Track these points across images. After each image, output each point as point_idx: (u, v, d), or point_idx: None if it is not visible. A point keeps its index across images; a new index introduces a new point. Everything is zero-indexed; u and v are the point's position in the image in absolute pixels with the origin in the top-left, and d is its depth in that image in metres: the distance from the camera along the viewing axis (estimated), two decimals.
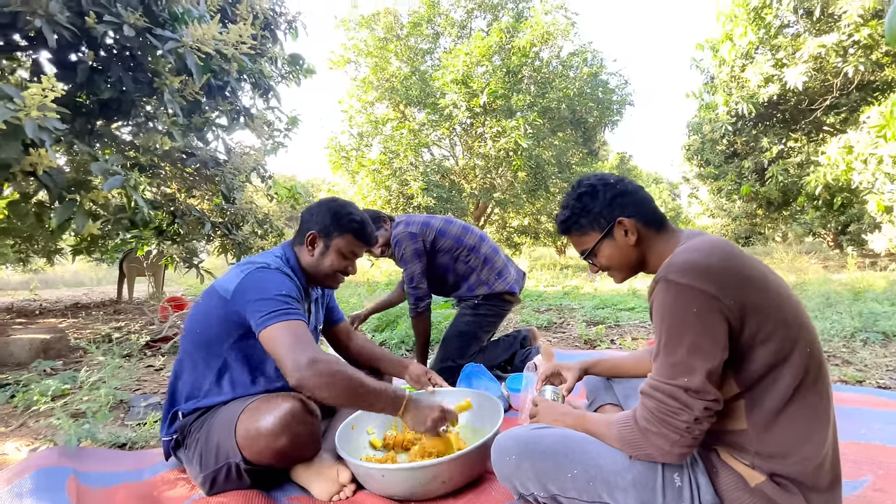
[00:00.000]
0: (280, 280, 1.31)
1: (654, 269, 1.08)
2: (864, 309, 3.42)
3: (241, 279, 1.30)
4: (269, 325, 1.20)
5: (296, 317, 1.24)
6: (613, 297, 5.13)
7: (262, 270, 1.33)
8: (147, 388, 2.42)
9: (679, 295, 0.87)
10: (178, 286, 8.40)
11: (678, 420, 0.85)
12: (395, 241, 2.27)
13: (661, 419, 0.87)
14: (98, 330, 3.62)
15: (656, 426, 0.88)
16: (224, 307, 1.30)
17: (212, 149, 3.66)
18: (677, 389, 0.85)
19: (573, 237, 1.14)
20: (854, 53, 6.64)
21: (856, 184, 6.35)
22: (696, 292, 0.86)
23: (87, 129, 2.90)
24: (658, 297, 0.91)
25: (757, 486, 0.89)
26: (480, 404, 1.56)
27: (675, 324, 0.87)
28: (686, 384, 0.85)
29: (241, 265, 1.37)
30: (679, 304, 0.87)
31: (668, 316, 0.88)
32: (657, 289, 0.92)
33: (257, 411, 1.20)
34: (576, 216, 1.10)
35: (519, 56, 9.67)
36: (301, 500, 1.29)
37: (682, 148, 12.12)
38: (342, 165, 10.82)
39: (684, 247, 0.97)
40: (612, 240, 1.07)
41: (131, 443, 1.72)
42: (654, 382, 0.89)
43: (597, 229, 1.08)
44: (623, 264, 1.10)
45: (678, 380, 0.86)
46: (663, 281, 0.90)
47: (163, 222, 3.64)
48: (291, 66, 4.07)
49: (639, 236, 1.06)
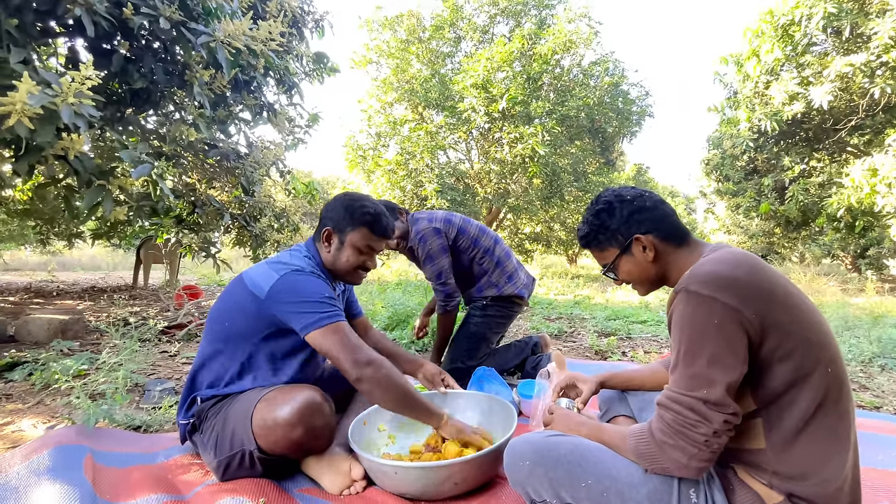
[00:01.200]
0: (318, 283, 1.33)
1: (675, 282, 1.07)
2: (883, 335, 3.34)
3: (277, 281, 1.30)
4: (319, 329, 1.25)
5: (341, 318, 1.30)
6: (626, 309, 5.09)
7: (298, 274, 1.33)
8: (162, 374, 2.46)
9: (700, 306, 0.86)
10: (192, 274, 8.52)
11: (696, 433, 0.84)
12: (418, 237, 2.22)
13: (679, 431, 0.86)
14: (115, 314, 3.69)
15: (674, 439, 0.86)
16: (257, 305, 1.31)
17: (234, 142, 3.73)
18: (696, 401, 0.84)
19: (593, 252, 1.16)
20: (882, 75, 6.53)
21: (879, 207, 6.23)
22: (719, 304, 0.85)
23: (117, 116, 2.98)
24: (679, 307, 0.90)
25: None
26: (493, 409, 1.56)
27: (696, 335, 0.86)
28: (705, 396, 0.84)
29: (273, 264, 1.36)
30: (700, 316, 0.86)
31: (689, 327, 0.87)
32: (678, 299, 0.91)
33: (274, 401, 1.22)
34: (594, 233, 1.12)
35: (540, 63, 9.66)
36: (311, 492, 1.30)
37: (702, 162, 12.00)
38: (358, 164, 10.90)
39: (708, 258, 0.96)
40: (631, 256, 1.08)
41: (146, 426, 1.76)
42: (672, 394, 0.88)
43: (615, 245, 1.10)
44: (643, 279, 1.11)
45: (697, 392, 0.84)
46: (684, 291, 0.89)
47: (183, 211, 3.71)
48: (316, 64, 4.13)
49: (657, 252, 1.06)
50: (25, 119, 1.83)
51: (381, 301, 4.61)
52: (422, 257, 2.24)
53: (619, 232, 1.08)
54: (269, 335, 1.34)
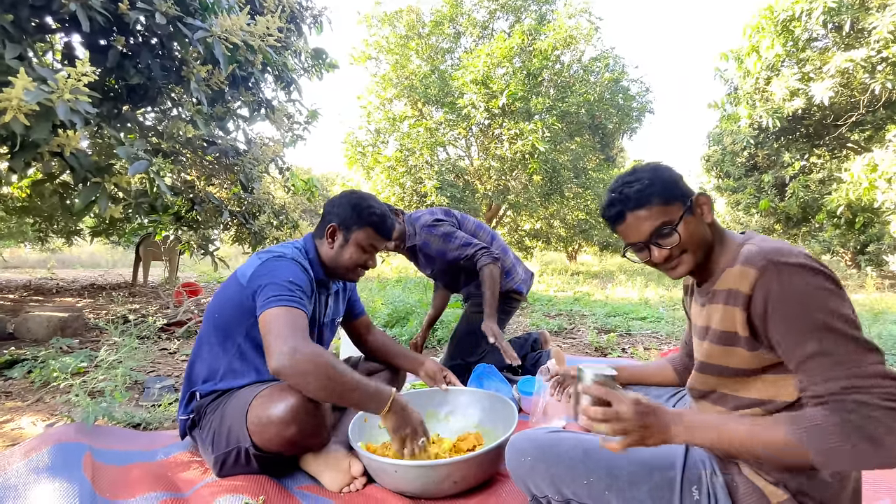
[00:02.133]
0: (292, 269, 1.33)
1: (711, 263, 0.99)
2: (884, 331, 3.35)
3: (258, 266, 1.34)
4: (269, 308, 1.22)
5: (297, 305, 1.24)
6: (625, 306, 5.08)
7: (278, 259, 1.35)
8: (161, 371, 2.46)
9: (808, 274, 0.78)
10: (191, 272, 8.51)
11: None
12: (425, 229, 2.20)
13: (889, 407, 0.70)
14: (114, 311, 3.69)
15: (886, 413, 0.70)
16: (240, 293, 1.33)
17: (232, 138, 3.71)
18: (881, 366, 0.73)
19: (648, 209, 0.93)
20: (882, 70, 6.50)
21: (879, 203, 6.22)
22: (824, 273, 0.79)
23: (113, 113, 2.96)
24: (779, 282, 0.79)
25: None
26: (494, 406, 1.56)
27: (823, 302, 0.77)
28: (880, 359, 0.74)
29: (261, 253, 1.40)
30: (815, 283, 0.78)
31: (810, 298, 0.77)
32: (767, 278, 0.80)
33: (269, 399, 1.21)
34: (656, 185, 0.93)
35: (540, 59, 9.62)
36: (311, 489, 1.30)
37: (702, 158, 11.99)
38: (358, 161, 10.88)
39: (758, 238, 0.91)
40: (692, 216, 0.95)
41: (145, 423, 1.75)
42: (844, 380, 0.73)
43: (680, 201, 0.94)
44: (701, 245, 0.95)
45: (872, 357, 0.74)
46: (776, 265, 0.80)
47: (182, 208, 3.69)
48: (314, 59, 4.10)
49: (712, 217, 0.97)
50: (21, 115, 1.82)
51: (381, 298, 4.61)
52: (438, 244, 2.19)
53: (681, 188, 0.95)
54: (255, 322, 1.32)
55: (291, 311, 1.22)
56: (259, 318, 1.23)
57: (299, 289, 1.29)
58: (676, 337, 3.66)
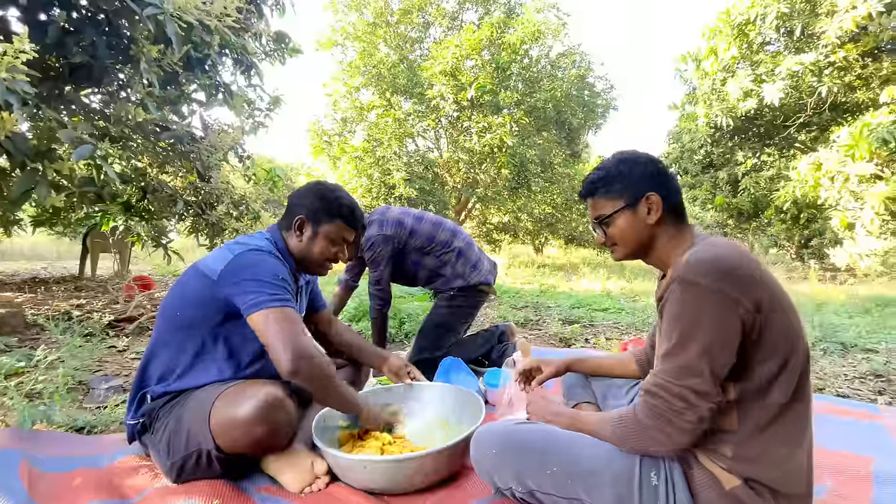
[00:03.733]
0: (274, 263, 1.28)
1: (656, 258, 1.07)
2: (825, 320, 3.57)
3: (231, 260, 1.25)
4: (264, 309, 1.17)
5: (290, 303, 1.22)
6: (588, 298, 5.21)
7: (256, 252, 1.29)
8: (109, 370, 2.31)
9: (697, 296, 0.86)
10: (145, 265, 8.10)
11: (683, 420, 0.86)
12: (369, 241, 2.23)
13: (667, 419, 0.88)
14: (57, 307, 3.45)
15: (659, 424, 0.89)
16: (210, 288, 1.25)
17: (188, 124, 3.52)
18: (686, 390, 0.86)
19: (597, 199, 1.08)
20: (829, 74, 6.89)
21: (822, 200, 6.63)
22: (717, 295, 0.84)
23: (54, 94, 2.74)
24: (674, 297, 0.89)
25: (731, 489, 0.90)
26: (460, 399, 1.55)
27: (691, 325, 0.86)
28: (695, 386, 0.85)
29: (230, 246, 1.32)
30: (696, 306, 0.86)
31: (684, 317, 0.87)
32: (673, 289, 0.90)
33: (234, 398, 1.16)
34: (610, 178, 1.06)
35: (509, 52, 9.66)
36: (271, 490, 1.25)
37: (662, 156, 12.39)
38: (324, 150, 10.62)
39: (703, 245, 0.94)
40: (633, 212, 1.04)
41: (90, 427, 1.64)
42: (662, 381, 0.89)
43: (623, 197, 1.04)
44: (632, 241, 1.06)
45: (687, 381, 0.86)
46: (680, 281, 0.88)
47: (132, 198, 3.48)
48: (277, 43, 3.94)
49: (659, 218, 1.03)
50: None
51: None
52: (368, 260, 2.29)
53: (635, 185, 1.03)
54: (224, 321, 1.27)
55: (288, 311, 1.20)
56: (250, 318, 1.18)
57: (288, 284, 1.27)
58: (636, 327, 3.78)
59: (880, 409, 1.93)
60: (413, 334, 3.24)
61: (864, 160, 5.69)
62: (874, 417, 1.83)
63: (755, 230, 12.22)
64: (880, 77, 6.86)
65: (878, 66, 6.89)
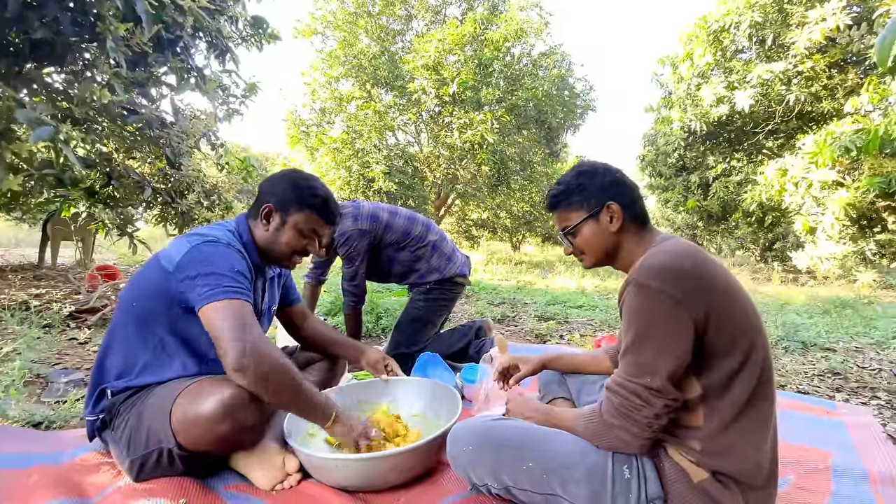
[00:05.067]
0: (230, 256, 1.21)
1: (623, 264, 1.11)
2: (787, 320, 3.72)
3: (187, 251, 1.19)
4: (214, 302, 1.11)
5: (244, 297, 1.16)
6: (564, 295, 5.29)
7: (212, 244, 1.22)
8: (69, 363, 2.21)
9: (649, 298, 0.90)
10: (110, 254, 7.78)
11: (640, 416, 0.90)
12: (344, 236, 2.19)
13: (625, 414, 0.92)
14: (14, 296, 3.27)
15: (619, 420, 0.93)
16: (165, 280, 1.19)
17: (157, 108, 3.37)
18: (641, 388, 0.89)
19: (560, 212, 1.14)
20: (797, 83, 7.16)
21: (786, 204, 6.89)
22: (665, 296, 0.88)
23: (13, 71, 2.58)
24: (629, 298, 0.93)
25: (699, 482, 0.92)
26: (437, 394, 1.54)
27: (644, 326, 0.90)
28: (649, 384, 0.89)
29: (189, 236, 1.25)
30: (648, 307, 0.90)
31: (638, 318, 0.91)
32: (628, 291, 0.94)
33: (198, 394, 1.11)
34: (570, 191, 1.11)
35: (492, 49, 9.65)
36: (240, 488, 1.21)
37: (637, 158, 12.67)
38: (301, 140, 10.40)
39: (657, 249, 0.98)
40: (596, 222, 1.09)
41: (48, 422, 1.56)
42: (620, 380, 0.93)
43: (585, 208, 1.09)
44: (597, 249, 1.11)
45: (642, 379, 0.89)
46: (634, 284, 0.92)
47: (96, 183, 3.32)
48: (254, 28, 3.82)
49: (621, 225, 1.08)
50: None
51: (324, 286, 4.46)
52: (342, 255, 2.24)
53: (594, 195, 1.08)
54: (181, 313, 1.20)
55: (240, 303, 1.12)
56: (201, 311, 1.11)
57: (243, 277, 1.19)
58: (609, 324, 3.85)
59: (837, 406, 2.02)
60: (390, 329, 3.22)
61: (827, 167, 5.94)
62: (832, 414, 1.91)
63: (723, 232, 12.65)
64: (845, 88, 7.17)
65: (844, 77, 7.19)
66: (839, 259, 6.96)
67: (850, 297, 5.60)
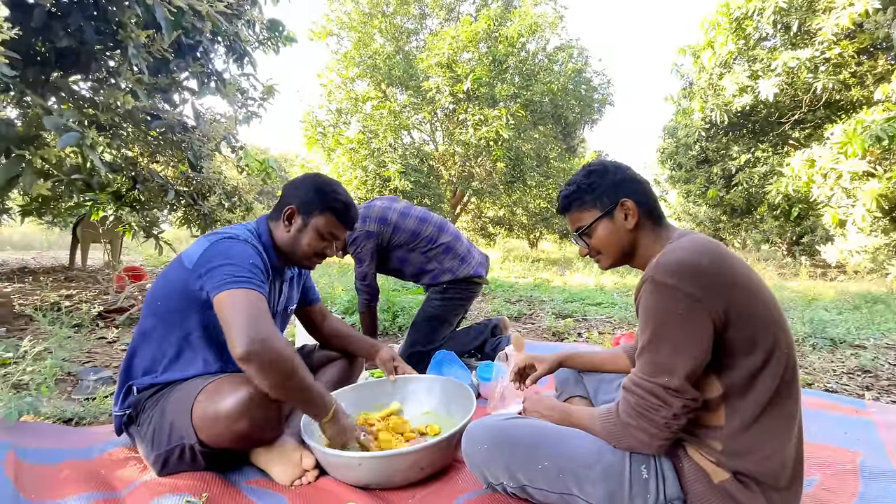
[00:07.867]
0: (248, 250, 1.25)
1: (640, 262, 1.08)
2: (815, 316, 3.59)
3: (206, 248, 1.24)
4: (228, 290, 1.13)
5: (258, 288, 1.18)
6: (582, 292, 5.22)
7: (230, 240, 1.26)
8: (98, 361, 2.29)
9: (666, 296, 0.88)
10: (137, 255, 8.02)
11: (657, 416, 0.88)
12: (352, 237, 2.23)
13: (642, 414, 0.90)
14: (46, 297, 3.40)
15: (636, 420, 0.91)
16: (186, 277, 1.23)
17: (179, 112, 3.46)
18: (658, 387, 0.87)
19: (573, 213, 1.11)
20: (825, 70, 6.90)
21: (814, 196, 6.66)
22: (682, 294, 0.86)
23: (40, 79, 2.68)
24: (645, 296, 0.91)
25: (720, 482, 0.90)
26: (452, 392, 1.55)
27: (661, 324, 0.88)
28: (666, 383, 0.87)
29: (209, 235, 1.30)
30: (665, 306, 0.88)
31: (654, 316, 0.89)
32: (644, 288, 0.92)
33: (217, 393, 1.14)
34: (581, 191, 1.08)
35: (506, 45, 9.58)
36: (261, 483, 1.24)
37: (657, 151, 12.42)
38: (318, 142, 10.52)
39: (673, 245, 0.96)
40: (611, 220, 1.06)
41: (78, 418, 1.62)
42: (637, 379, 0.91)
43: (598, 207, 1.07)
44: (614, 247, 1.08)
45: (660, 378, 0.88)
46: (650, 281, 0.90)
47: (122, 187, 3.43)
48: (270, 31, 3.87)
49: (637, 222, 1.05)
50: None
51: (342, 284, 4.51)
52: (352, 255, 2.29)
53: (606, 194, 1.06)
54: (203, 310, 1.23)
55: (254, 294, 1.15)
56: (215, 299, 1.13)
57: (259, 269, 1.22)
58: (629, 322, 3.79)
59: (867, 405, 1.95)
60: (406, 327, 3.24)
61: (857, 157, 5.70)
62: (862, 413, 1.85)
63: (748, 226, 12.30)
64: (875, 74, 6.87)
65: (873, 63, 6.90)
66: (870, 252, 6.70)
67: (882, 292, 5.39)
